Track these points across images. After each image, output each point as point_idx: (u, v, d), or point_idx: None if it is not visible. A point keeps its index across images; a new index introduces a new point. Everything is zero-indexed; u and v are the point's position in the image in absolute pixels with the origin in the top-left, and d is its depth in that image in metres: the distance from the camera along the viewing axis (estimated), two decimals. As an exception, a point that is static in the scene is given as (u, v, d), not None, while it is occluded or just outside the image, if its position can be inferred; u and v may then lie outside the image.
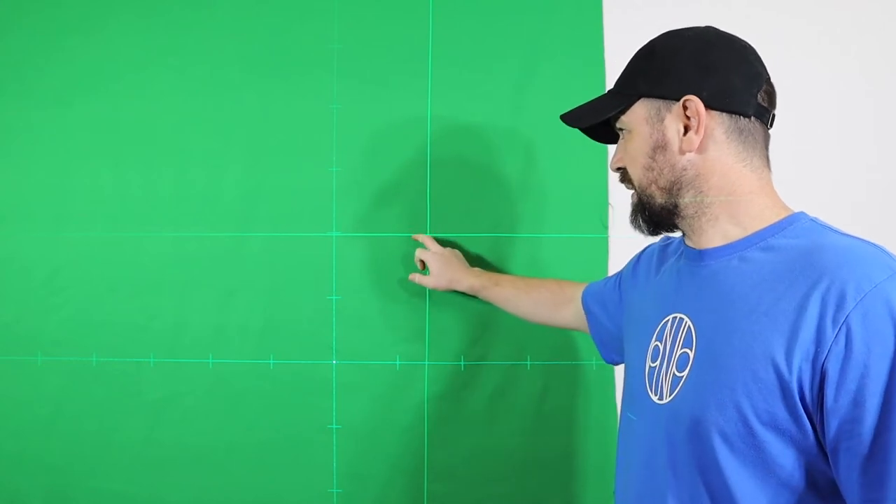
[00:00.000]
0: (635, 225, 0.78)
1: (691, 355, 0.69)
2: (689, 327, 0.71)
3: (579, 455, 1.21)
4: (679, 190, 0.72)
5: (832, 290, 0.59)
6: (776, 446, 0.62)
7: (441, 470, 1.21)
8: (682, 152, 0.71)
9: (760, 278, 0.66)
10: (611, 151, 1.20)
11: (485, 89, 1.21)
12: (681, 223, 0.74)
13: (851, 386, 0.57)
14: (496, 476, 1.21)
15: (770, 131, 0.73)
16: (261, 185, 1.21)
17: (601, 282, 1.02)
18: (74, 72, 1.22)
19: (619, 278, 0.97)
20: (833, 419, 0.58)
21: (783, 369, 0.60)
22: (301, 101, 1.21)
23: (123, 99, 1.22)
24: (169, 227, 1.21)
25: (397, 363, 1.21)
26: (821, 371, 0.58)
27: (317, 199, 1.21)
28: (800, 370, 0.59)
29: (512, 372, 1.21)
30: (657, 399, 0.72)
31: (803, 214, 0.69)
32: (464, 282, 1.13)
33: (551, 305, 1.09)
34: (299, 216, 1.21)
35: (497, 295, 1.12)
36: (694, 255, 0.74)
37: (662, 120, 0.71)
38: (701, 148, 0.70)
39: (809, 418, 0.60)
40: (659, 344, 0.75)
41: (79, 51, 1.23)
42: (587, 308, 1.02)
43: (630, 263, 0.95)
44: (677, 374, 0.70)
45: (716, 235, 0.72)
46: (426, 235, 1.19)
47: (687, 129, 0.70)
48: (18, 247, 1.22)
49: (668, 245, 0.87)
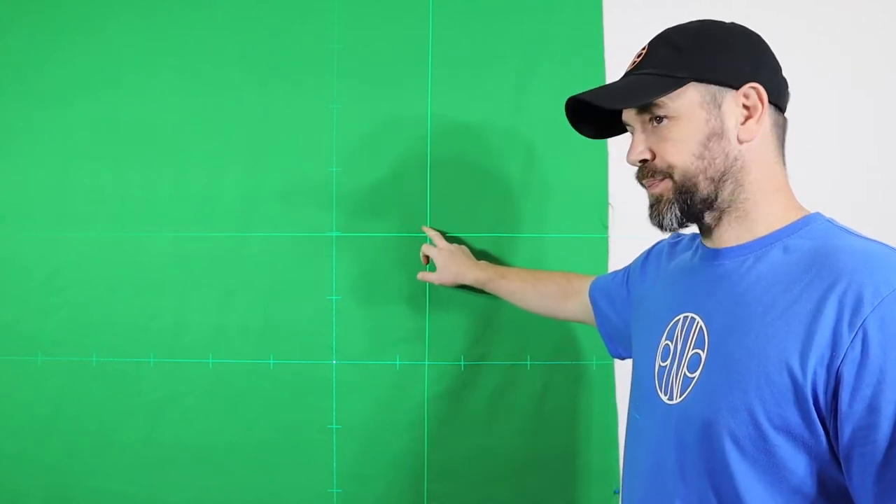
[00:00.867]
0: (655, 219, 0.72)
1: (703, 356, 0.68)
2: (702, 327, 0.69)
3: (579, 455, 1.21)
4: (724, 182, 0.69)
5: (849, 294, 0.58)
6: (788, 451, 0.61)
7: (441, 470, 1.21)
8: (741, 142, 0.68)
9: (775, 279, 0.65)
10: (612, 149, 1.20)
11: (485, 89, 1.21)
12: (708, 216, 0.71)
13: (867, 392, 0.56)
14: (496, 476, 1.21)
15: None
16: (261, 185, 1.21)
17: (609, 275, 1.01)
18: (74, 72, 1.23)
19: (627, 274, 0.96)
20: (847, 425, 0.57)
21: (797, 373, 0.59)
22: (301, 101, 1.21)
23: (123, 99, 1.22)
24: (169, 227, 1.21)
25: (397, 363, 1.21)
26: (836, 376, 0.57)
27: (317, 199, 1.21)
28: (814, 374, 0.58)
29: (512, 372, 1.21)
30: (667, 399, 0.71)
31: (819, 215, 0.69)
32: (469, 275, 1.13)
33: (557, 298, 1.08)
34: (299, 216, 1.21)
35: (503, 288, 1.12)
36: (709, 254, 0.73)
37: (720, 106, 0.68)
38: (755, 139, 0.69)
39: (823, 424, 0.59)
40: (669, 343, 0.74)
41: (79, 51, 1.23)
42: (594, 301, 1.01)
43: (639, 260, 0.94)
44: (688, 375, 0.69)
45: (736, 232, 0.71)
46: (434, 230, 1.19)
47: (746, 119, 0.68)
48: (18, 247, 1.22)
49: (678, 242, 0.86)
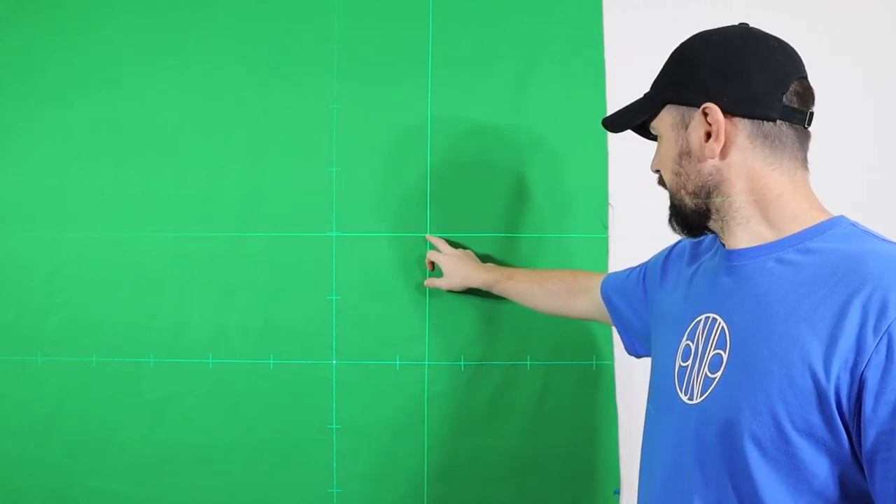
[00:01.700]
0: (671, 228, 0.78)
1: (724, 357, 0.68)
2: (723, 328, 0.69)
3: (579, 455, 1.20)
4: (707, 195, 0.72)
5: (874, 298, 0.58)
6: (810, 454, 0.60)
7: (441, 470, 1.21)
8: (705, 159, 0.71)
9: (799, 281, 0.64)
10: (612, 149, 1.21)
11: (485, 89, 1.21)
12: (713, 225, 0.74)
13: (891, 396, 0.56)
14: (496, 476, 1.20)
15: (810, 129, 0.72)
16: (261, 185, 1.21)
17: (622, 273, 1.00)
18: (74, 72, 1.22)
19: (644, 272, 0.95)
20: (871, 429, 0.57)
21: (821, 376, 0.59)
22: (301, 101, 1.21)
23: (123, 99, 1.22)
24: (169, 227, 1.21)
25: (397, 363, 1.21)
26: (860, 380, 0.57)
27: (317, 199, 1.21)
28: (838, 378, 0.58)
29: (512, 372, 1.21)
30: (687, 399, 0.71)
31: (843, 218, 0.68)
32: (476, 278, 1.13)
33: (566, 296, 1.08)
34: (299, 216, 1.21)
35: (511, 289, 1.12)
36: (728, 255, 0.73)
37: (686, 127, 0.72)
38: (724, 154, 0.70)
39: (846, 427, 0.59)
40: (690, 343, 0.74)
41: (79, 51, 1.23)
42: (607, 299, 1.01)
43: (659, 258, 0.93)
44: (710, 376, 0.69)
45: (747, 237, 0.71)
46: (437, 237, 1.19)
47: (709, 136, 0.70)
48: (18, 247, 1.22)
49: (701, 242, 0.86)
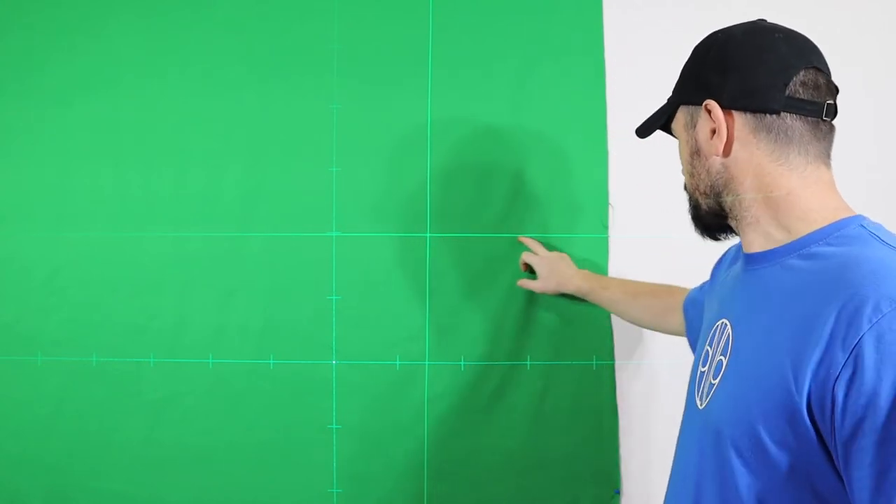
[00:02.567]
0: (695, 230, 0.78)
1: (724, 363, 0.67)
2: (729, 334, 0.69)
3: (579, 455, 1.20)
4: (719, 194, 0.71)
5: (847, 308, 0.55)
6: (789, 466, 0.59)
7: (441, 470, 1.21)
8: (710, 156, 0.71)
9: (794, 289, 0.62)
10: (612, 149, 1.21)
11: (485, 89, 1.21)
12: (732, 224, 0.74)
13: (859, 413, 0.53)
14: (496, 476, 1.20)
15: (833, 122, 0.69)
16: (261, 185, 1.21)
17: (699, 286, 0.99)
18: (74, 72, 1.22)
19: (709, 279, 0.93)
20: (841, 448, 0.55)
21: (793, 390, 0.57)
22: (301, 101, 1.21)
23: (123, 99, 1.22)
24: (169, 227, 1.21)
25: (397, 363, 1.21)
26: (831, 394, 0.54)
27: (317, 199, 1.21)
28: (809, 392, 0.56)
29: (512, 372, 1.21)
30: (699, 404, 0.71)
31: (856, 219, 0.65)
32: (571, 284, 1.13)
33: (659, 313, 1.08)
34: (299, 216, 1.21)
35: (605, 299, 1.12)
36: (744, 260, 0.73)
37: (694, 126, 0.72)
38: (727, 151, 0.69)
39: (820, 439, 0.57)
40: (709, 349, 0.73)
41: (79, 51, 1.23)
42: (685, 313, 1.00)
43: (714, 266, 0.92)
44: (712, 382, 0.69)
45: (759, 238, 0.70)
46: (532, 239, 1.18)
47: (714, 133, 0.70)
48: (18, 247, 1.22)
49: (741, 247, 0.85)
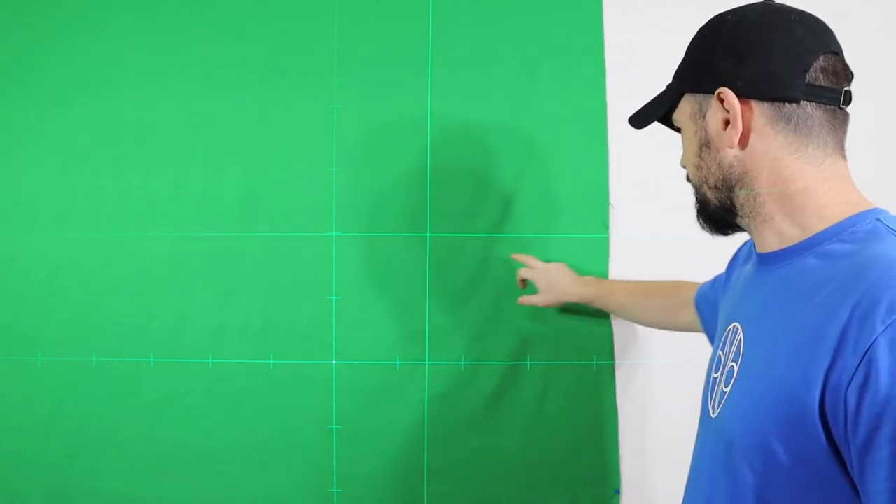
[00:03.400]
0: (700, 225, 0.73)
1: (736, 370, 0.64)
2: (741, 339, 0.65)
3: (579, 455, 1.20)
4: (731, 189, 0.66)
5: (859, 309, 0.51)
6: (804, 476, 0.55)
7: (441, 470, 1.21)
8: (724, 148, 0.65)
9: (807, 290, 0.58)
10: (612, 148, 1.21)
11: (485, 89, 1.21)
12: (741, 222, 0.69)
13: (874, 422, 0.49)
14: (496, 476, 1.20)
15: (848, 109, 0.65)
16: (261, 185, 1.21)
17: (710, 281, 0.95)
18: (74, 72, 1.22)
19: (724, 276, 0.88)
20: (856, 456, 0.51)
21: (805, 397, 0.53)
22: (301, 101, 1.21)
23: (123, 99, 1.22)
24: (169, 227, 1.21)
25: (397, 363, 1.21)
26: (844, 401, 0.51)
27: (317, 199, 1.21)
28: (822, 399, 0.53)
29: (512, 372, 1.20)
30: (712, 413, 0.68)
31: (873, 212, 0.61)
32: (574, 293, 1.10)
33: (668, 310, 1.05)
34: (299, 216, 1.21)
35: (612, 304, 1.10)
36: (757, 260, 0.69)
37: (704, 115, 0.67)
38: (743, 142, 0.64)
39: (834, 447, 0.53)
40: (721, 354, 0.70)
41: (79, 51, 1.22)
42: (699, 310, 0.97)
43: (730, 261, 0.88)
44: (724, 390, 0.65)
45: (773, 237, 0.66)
46: (527, 255, 1.17)
47: (727, 124, 0.64)
48: (18, 247, 1.22)
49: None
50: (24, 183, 1.22)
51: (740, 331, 0.67)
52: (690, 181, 0.72)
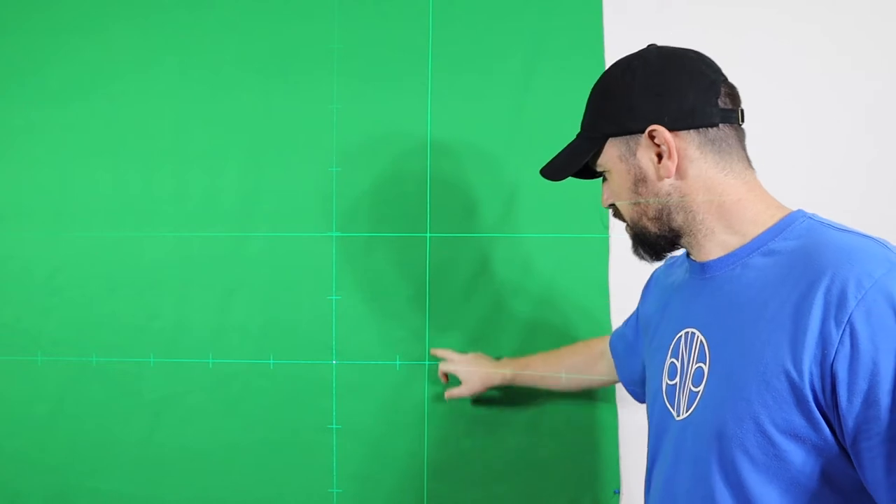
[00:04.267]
0: (638, 256, 0.79)
1: (706, 369, 0.69)
2: (702, 341, 0.71)
3: (579, 455, 1.20)
4: (669, 215, 0.73)
5: (833, 290, 0.58)
6: (797, 454, 0.61)
7: (441, 470, 1.21)
8: (661, 179, 0.72)
9: (763, 284, 0.65)
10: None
11: (485, 89, 1.21)
12: (680, 242, 0.75)
13: (863, 385, 0.56)
14: (496, 476, 1.20)
15: (744, 126, 0.73)
16: (261, 185, 1.21)
17: (623, 324, 1.02)
18: (74, 72, 1.22)
19: (637, 313, 0.96)
20: (849, 421, 0.57)
21: (794, 375, 0.59)
22: (301, 101, 1.21)
23: (123, 99, 1.22)
24: (169, 227, 1.21)
25: (397, 363, 1.21)
26: (830, 373, 0.58)
27: (317, 199, 1.21)
28: (810, 374, 0.59)
29: (512, 372, 1.21)
30: (676, 415, 0.73)
31: (801, 213, 0.69)
32: (496, 377, 1.13)
33: (587, 365, 1.09)
34: (299, 216, 1.21)
35: (530, 378, 1.12)
36: (698, 269, 0.75)
37: (634, 154, 0.73)
38: (679, 170, 0.71)
39: (827, 422, 0.59)
40: (675, 361, 0.75)
41: (79, 51, 1.23)
42: (614, 352, 1.02)
43: (642, 294, 0.95)
44: (693, 390, 0.70)
45: (715, 247, 0.72)
46: (443, 349, 1.18)
47: (660, 157, 0.71)
48: (18, 247, 1.22)
49: (673, 263, 0.87)
50: (25, 183, 1.23)
51: (699, 334, 0.72)
52: (623, 217, 0.78)
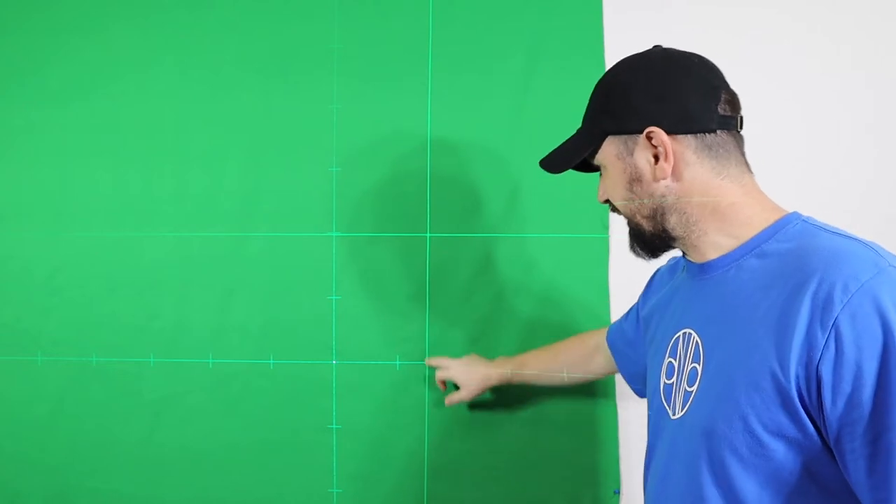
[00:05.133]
0: (634, 252, 0.79)
1: (699, 369, 0.70)
2: (697, 342, 0.72)
3: (579, 455, 1.20)
4: (663, 216, 0.73)
5: (819, 293, 0.59)
6: (785, 454, 0.62)
7: (441, 470, 1.21)
8: (657, 180, 0.72)
9: (756, 286, 0.66)
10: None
11: (485, 89, 1.21)
12: (675, 244, 0.76)
13: (847, 388, 0.57)
14: (496, 476, 1.20)
15: (743, 132, 0.73)
16: (261, 185, 1.21)
17: (621, 318, 1.02)
18: (74, 72, 1.23)
19: (637, 309, 0.97)
20: (833, 422, 0.58)
21: (780, 376, 0.60)
22: (301, 101, 1.21)
23: (123, 99, 1.22)
24: (169, 227, 1.21)
25: (397, 363, 1.21)
26: (816, 375, 0.59)
27: (317, 199, 1.21)
28: (796, 376, 0.60)
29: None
30: (672, 415, 0.74)
31: (795, 216, 0.70)
32: (493, 378, 1.13)
33: (583, 361, 1.09)
34: (299, 216, 1.21)
35: (529, 376, 1.12)
36: (695, 270, 0.75)
37: (632, 153, 0.73)
38: (674, 172, 0.71)
39: (813, 422, 0.60)
40: (673, 360, 0.76)
41: (79, 51, 1.23)
42: (612, 346, 1.02)
43: (643, 291, 0.96)
44: (688, 389, 0.71)
45: (709, 249, 0.73)
46: (436, 358, 1.18)
47: (657, 159, 0.72)
48: (18, 247, 1.22)
49: (675, 264, 0.88)
50: (25, 183, 1.23)
51: (695, 335, 0.72)
52: (621, 213, 0.79)
